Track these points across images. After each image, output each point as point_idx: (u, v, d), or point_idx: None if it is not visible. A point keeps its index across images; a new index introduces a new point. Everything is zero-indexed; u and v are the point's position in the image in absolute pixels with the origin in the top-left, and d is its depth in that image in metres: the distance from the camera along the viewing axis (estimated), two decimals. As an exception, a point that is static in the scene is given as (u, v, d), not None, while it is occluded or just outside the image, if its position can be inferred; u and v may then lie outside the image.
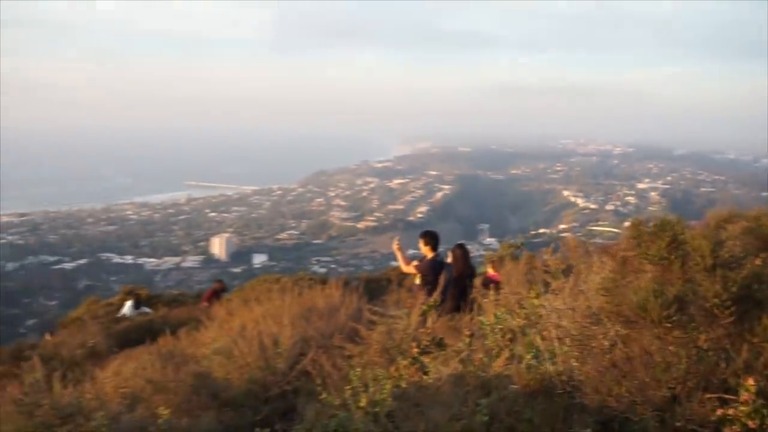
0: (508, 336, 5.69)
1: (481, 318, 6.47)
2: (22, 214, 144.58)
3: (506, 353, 5.32)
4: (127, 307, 19.61)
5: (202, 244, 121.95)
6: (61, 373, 7.12)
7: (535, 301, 6.03)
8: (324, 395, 6.06)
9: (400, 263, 11.17)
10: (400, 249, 11.06)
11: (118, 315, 19.59)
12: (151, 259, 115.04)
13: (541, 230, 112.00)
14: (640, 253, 4.97)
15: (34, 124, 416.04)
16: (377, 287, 20.10)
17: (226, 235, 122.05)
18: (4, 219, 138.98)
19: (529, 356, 4.94)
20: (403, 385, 5.47)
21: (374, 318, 7.84)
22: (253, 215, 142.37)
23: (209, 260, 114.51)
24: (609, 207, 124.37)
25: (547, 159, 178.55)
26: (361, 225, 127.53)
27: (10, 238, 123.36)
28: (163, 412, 5.94)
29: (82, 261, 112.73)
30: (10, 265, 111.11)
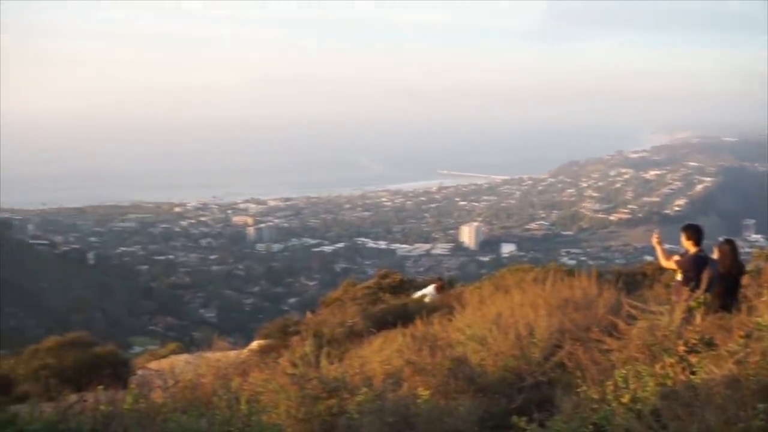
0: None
1: (758, 318, 6.02)
2: (287, 199, 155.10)
3: (788, 358, 4.91)
4: (430, 289, 20.27)
5: (451, 231, 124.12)
6: (327, 350, 7.53)
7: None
8: (582, 388, 5.93)
9: (660, 258, 10.68)
10: (660, 243, 10.58)
11: (419, 295, 20.28)
12: (403, 245, 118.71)
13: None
14: None
15: (299, 116, 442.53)
16: (632, 282, 19.36)
17: (476, 223, 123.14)
18: (272, 203, 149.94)
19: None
20: (669, 383, 5.23)
21: (634, 313, 7.55)
22: (503, 205, 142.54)
23: (458, 248, 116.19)
24: None
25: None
26: (613, 217, 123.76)
27: (276, 221, 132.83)
28: (423, 392, 6.11)
29: (340, 244, 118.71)
30: (276, 246, 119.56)
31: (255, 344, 17.32)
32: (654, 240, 10.71)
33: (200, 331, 71.15)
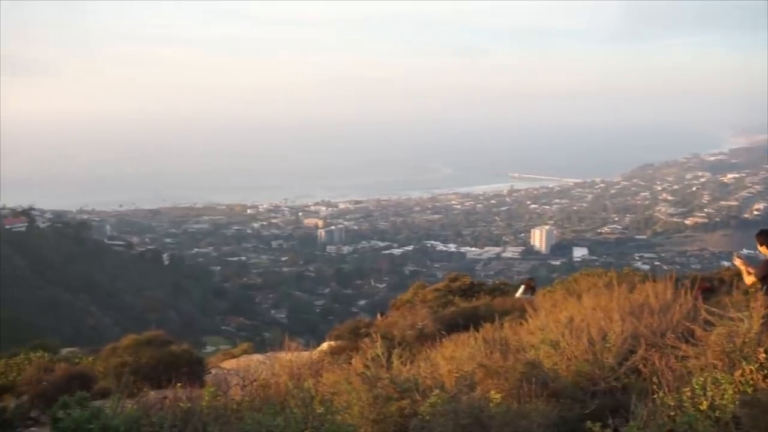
0: None
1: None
2: (357, 202, 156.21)
3: None
4: (521, 291, 20.26)
5: (522, 235, 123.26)
6: (398, 352, 7.59)
7: None
8: (658, 395, 5.85)
9: (745, 278, 10.21)
10: (744, 263, 10.14)
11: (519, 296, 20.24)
12: (473, 248, 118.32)
13: None
14: None
15: (369, 117, 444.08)
16: (709, 287, 18.93)
17: (547, 227, 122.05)
18: (342, 206, 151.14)
19: None
20: (749, 391, 5.12)
21: (711, 319, 7.41)
22: (574, 208, 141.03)
23: (529, 251, 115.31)
24: None
25: None
26: (689, 221, 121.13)
27: (346, 223, 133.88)
28: (495, 395, 6.10)
29: (409, 247, 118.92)
30: (346, 249, 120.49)
31: (325, 345, 17.49)
32: (737, 262, 10.35)
33: (271, 331, 72.12)
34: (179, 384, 6.43)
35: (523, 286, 20.35)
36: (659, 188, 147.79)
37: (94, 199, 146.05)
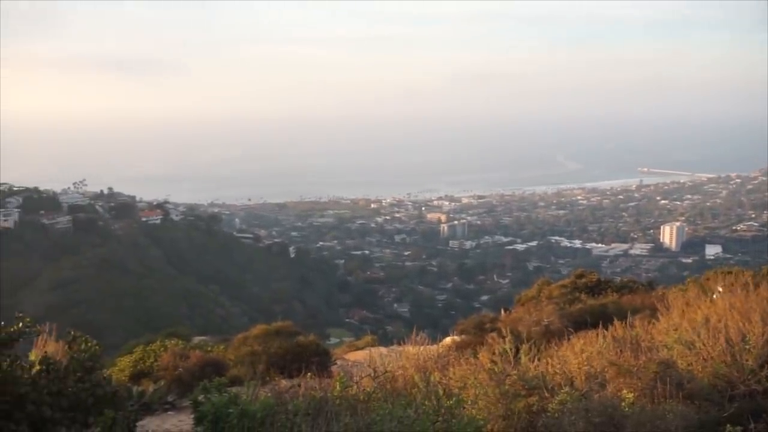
0: None
1: None
2: (480, 197, 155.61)
3: None
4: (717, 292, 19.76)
5: (651, 231, 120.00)
6: (527, 348, 7.52)
7: None
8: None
9: None
10: None
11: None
12: (599, 245, 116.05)
13: None
14: None
15: (495, 113, 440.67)
16: None
17: (677, 223, 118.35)
18: (465, 201, 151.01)
19: None
20: None
21: None
22: (707, 204, 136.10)
23: (657, 248, 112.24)
24: None
25: None
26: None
27: (469, 218, 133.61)
28: (627, 395, 5.95)
29: (533, 243, 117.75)
30: (468, 244, 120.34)
31: (449, 340, 17.46)
32: None
33: (393, 325, 72.91)
34: (309, 374, 6.61)
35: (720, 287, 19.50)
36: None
37: (224, 194, 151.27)
